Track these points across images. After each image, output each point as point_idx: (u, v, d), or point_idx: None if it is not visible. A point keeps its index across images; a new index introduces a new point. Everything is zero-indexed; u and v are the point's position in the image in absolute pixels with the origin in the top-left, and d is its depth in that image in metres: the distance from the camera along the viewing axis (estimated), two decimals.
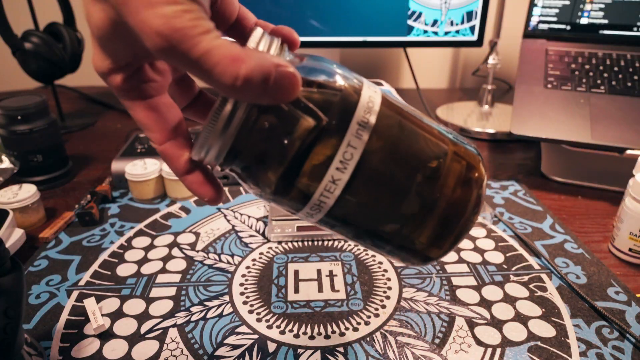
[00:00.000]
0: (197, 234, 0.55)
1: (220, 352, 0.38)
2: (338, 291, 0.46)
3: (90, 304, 0.43)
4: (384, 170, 0.25)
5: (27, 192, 0.55)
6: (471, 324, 0.41)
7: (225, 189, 0.65)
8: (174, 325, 0.41)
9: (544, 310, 0.43)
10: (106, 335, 0.40)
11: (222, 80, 0.19)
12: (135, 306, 0.43)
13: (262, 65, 0.20)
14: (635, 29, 0.74)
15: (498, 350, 0.39)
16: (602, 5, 0.74)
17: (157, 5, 0.18)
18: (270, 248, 0.52)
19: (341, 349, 0.39)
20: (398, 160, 0.26)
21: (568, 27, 0.78)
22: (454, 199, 0.28)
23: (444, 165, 0.27)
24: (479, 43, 0.85)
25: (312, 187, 0.25)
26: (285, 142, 0.24)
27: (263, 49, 0.23)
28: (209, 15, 0.21)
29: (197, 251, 0.52)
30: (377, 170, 0.25)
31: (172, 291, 0.46)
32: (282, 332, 0.41)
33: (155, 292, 0.45)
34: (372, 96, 0.26)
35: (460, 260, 0.50)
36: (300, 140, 0.24)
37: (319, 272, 0.48)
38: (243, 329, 0.41)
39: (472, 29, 0.84)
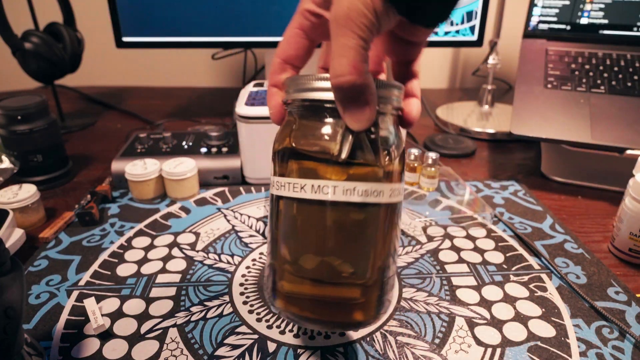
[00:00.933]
0: (197, 234, 0.55)
1: (220, 352, 0.38)
2: None
3: (90, 304, 0.43)
4: (329, 225, 0.29)
5: (27, 192, 0.55)
6: (471, 324, 0.41)
7: (225, 189, 0.65)
8: (174, 325, 0.41)
9: (544, 310, 0.43)
10: (106, 335, 0.40)
11: (333, 67, 0.25)
12: (135, 306, 0.43)
13: (361, 90, 0.26)
14: (635, 29, 0.74)
15: (498, 350, 0.39)
16: (602, 5, 0.74)
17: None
18: None
19: (341, 349, 0.39)
20: (341, 234, 0.29)
21: (568, 27, 0.78)
22: (327, 301, 0.30)
23: (351, 280, 0.30)
24: (479, 43, 0.85)
25: (291, 174, 0.29)
26: (316, 138, 0.29)
27: (377, 92, 0.28)
28: (374, 35, 0.26)
29: (197, 251, 0.52)
30: (326, 220, 0.29)
31: (172, 291, 0.46)
32: (282, 332, 0.40)
33: (155, 292, 0.45)
34: (382, 192, 0.29)
35: (460, 260, 0.50)
36: (320, 148, 0.28)
37: None
38: (243, 329, 0.41)
39: (472, 29, 0.84)
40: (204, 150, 0.67)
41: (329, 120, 0.28)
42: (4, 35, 0.76)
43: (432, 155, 0.63)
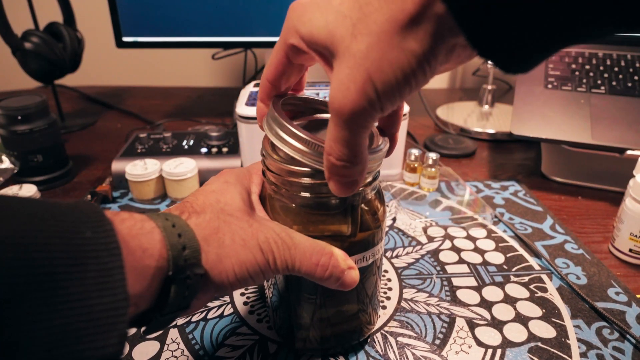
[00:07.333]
0: None
1: (221, 352, 0.38)
2: None
3: None
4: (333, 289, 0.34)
5: (27, 193, 0.55)
6: (471, 325, 0.41)
7: None
8: (174, 326, 0.41)
9: (544, 311, 0.43)
10: None
11: (332, 149, 0.25)
12: None
13: (354, 173, 0.26)
14: None
15: (498, 351, 0.39)
16: None
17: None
18: None
19: (342, 350, 0.39)
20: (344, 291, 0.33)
21: None
22: (340, 333, 0.37)
23: (358, 314, 0.37)
24: None
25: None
26: (325, 223, 0.32)
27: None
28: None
29: None
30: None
31: None
32: None
33: None
34: (378, 250, 0.35)
35: (461, 261, 0.50)
36: (331, 232, 0.32)
37: None
38: (244, 329, 0.41)
39: None
40: (204, 150, 0.67)
41: (334, 203, 0.31)
42: (4, 35, 0.76)
43: (433, 155, 0.63)
